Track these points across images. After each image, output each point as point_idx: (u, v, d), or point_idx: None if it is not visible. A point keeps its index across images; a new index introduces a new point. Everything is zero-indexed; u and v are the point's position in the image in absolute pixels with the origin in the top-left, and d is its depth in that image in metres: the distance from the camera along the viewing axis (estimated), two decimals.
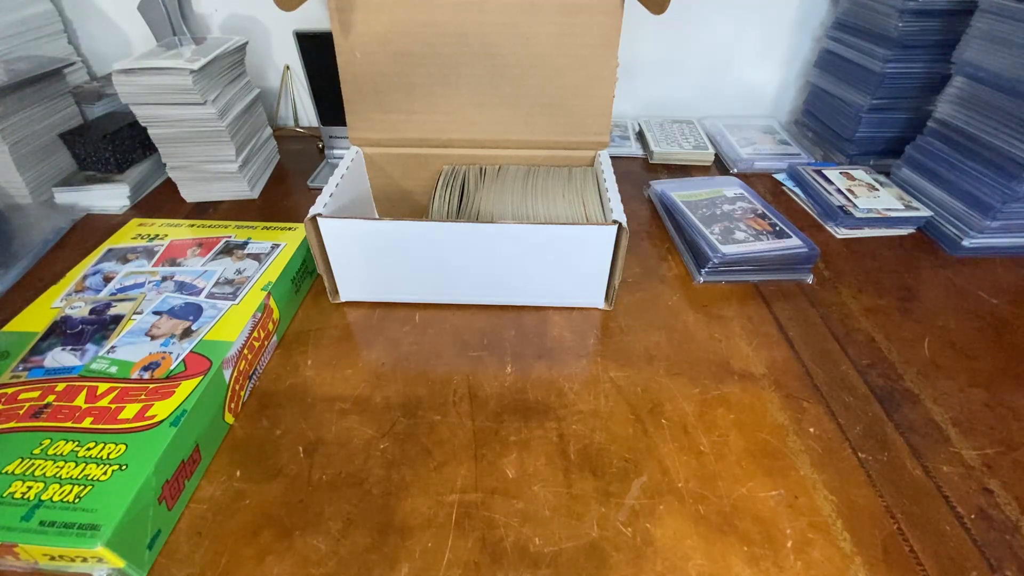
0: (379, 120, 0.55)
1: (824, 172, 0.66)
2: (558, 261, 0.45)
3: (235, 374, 0.39)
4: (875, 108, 0.68)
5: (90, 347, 0.39)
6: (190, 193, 0.66)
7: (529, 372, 0.43)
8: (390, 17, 0.50)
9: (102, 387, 0.36)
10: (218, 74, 0.62)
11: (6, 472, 0.31)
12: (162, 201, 0.66)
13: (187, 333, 0.40)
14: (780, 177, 0.71)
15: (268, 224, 0.53)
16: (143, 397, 0.35)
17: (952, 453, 0.37)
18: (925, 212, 0.59)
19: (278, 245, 0.49)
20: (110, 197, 0.63)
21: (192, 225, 0.52)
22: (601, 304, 0.49)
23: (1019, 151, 0.52)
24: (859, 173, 0.66)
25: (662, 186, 0.64)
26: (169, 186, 0.66)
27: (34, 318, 0.42)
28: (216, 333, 0.40)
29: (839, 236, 0.60)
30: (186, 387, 0.36)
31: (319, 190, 0.68)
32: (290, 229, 0.52)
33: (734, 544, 0.32)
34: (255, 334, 0.42)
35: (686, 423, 0.39)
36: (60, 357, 0.38)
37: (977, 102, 0.56)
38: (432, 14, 0.50)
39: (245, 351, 0.40)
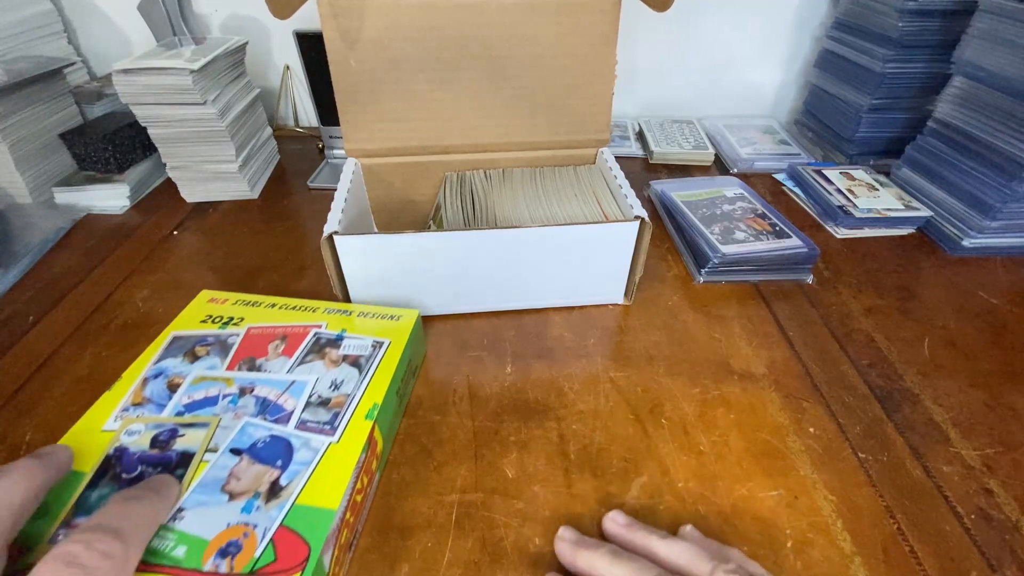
0: (377, 130, 0.54)
1: (824, 172, 0.66)
2: (581, 260, 0.46)
3: (335, 555, 0.29)
4: (875, 108, 0.68)
5: None
6: (190, 193, 0.66)
7: (529, 372, 0.43)
8: (387, 23, 0.49)
9: None
10: (218, 74, 0.62)
11: None
12: (162, 201, 0.66)
13: (275, 491, 0.29)
14: (780, 177, 0.71)
15: (366, 309, 0.42)
16: None
17: (952, 453, 0.37)
18: (925, 212, 0.59)
19: (380, 343, 0.39)
20: (110, 197, 0.63)
21: (274, 306, 0.42)
22: (620, 300, 0.50)
23: (1019, 151, 0.52)
24: (859, 173, 0.66)
25: (662, 186, 0.64)
26: (169, 186, 0.66)
27: (82, 445, 0.31)
28: (312, 494, 0.29)
29: (839, 236, 0.60)
30: None
31: (319, 190, 0.69)
32: (392, 318, 0.41)
33: (734, 544, 0.32)
34: (357, 485, 0.31)
35: (686, 423, 0.39)
36: None
37: (977, 102, 0.56)
38: (430, 18, 0.49)
39: (348, 516, 0.30)
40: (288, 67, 0.83)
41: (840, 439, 0.38)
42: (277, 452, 0.31)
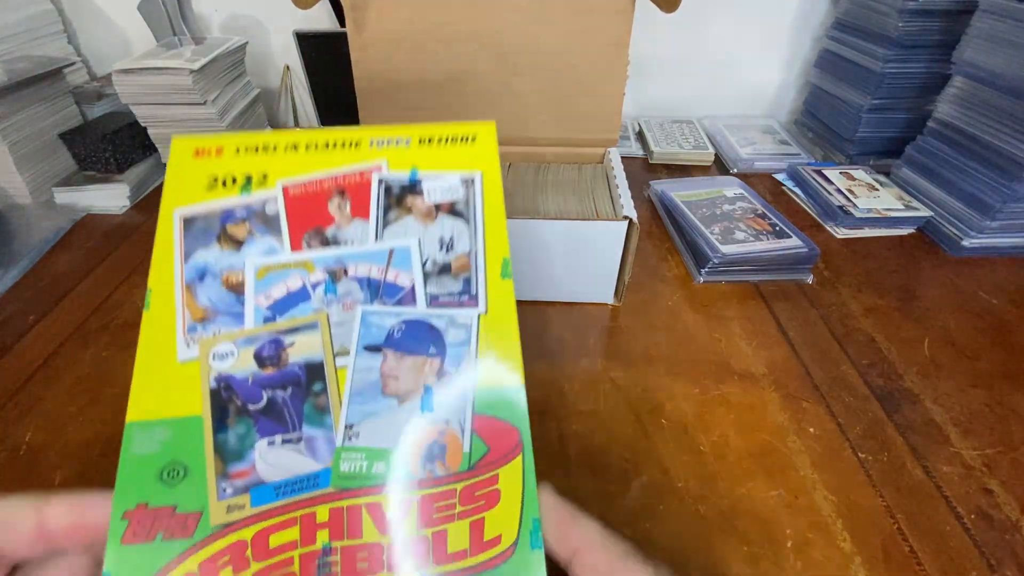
0: (392, 118, 0.55)
1: (824, 172, 0.66)
2: (569, 256, 0.46)
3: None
4: (875, 108, 0.68)
5: (311, 432, 0.24)
6: None
7: (529, 372, 0.43)
8: (404, 15, 0.51)
9: (388, 503, 0.22)
10: (218, 74, 0.62)
11: None
12: None
13: (446, 382, 0.25)
14: (780, 177, 0.71)
15: (424, 133, 0.30)
16: (459, 511, 0.22)
17: (952, 453, 0.37)
18: (925, 212, 0.59)
19: (470, 179, 0.29)
20: (110, 197, 0.63)
21: (296, 147, 0.29)
22: (611, 300, 0.49)
23: (1019, 151, 0.52)
24: (859, 173, 0.66)
25: (662, 186, 0.64)
26: None
27: (168, 389, 0.24)
28: (492, 373, 0.25)
29: (839, 236, 0.60)
30: (509, 478, 0.23)
31: None
32: (465, 140, 0.30)
33: (734, 544, 0.32)
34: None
35: (686, 423, 0.39)
36: (279, 459, 0.23)
37: (977, 102, 0.56)
38: (445, 13, 0.51)
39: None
40: (288, 67, 0.83)
41: (840, 439, 0.38)
42: (422, 338, 0.25)
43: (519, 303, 0.35)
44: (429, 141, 0.30)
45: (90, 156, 0.64)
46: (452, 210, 0.28)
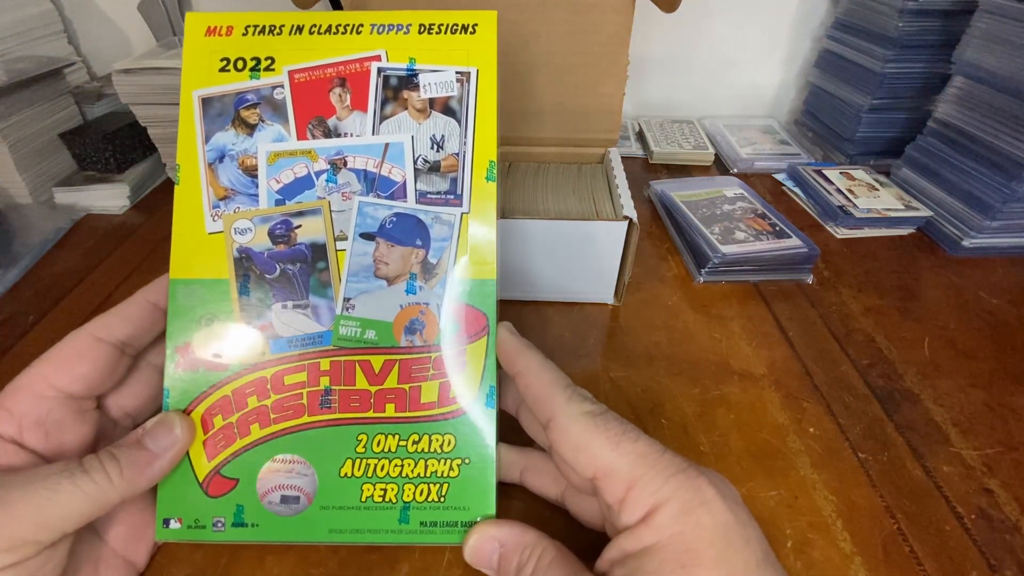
0: None
1: (824, 172, 0.66)
2: (569, 256, 0.46)
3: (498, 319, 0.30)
4: (875, 108, 0.68)
5: (316, 301, 0.29)
6: None
7: None
8: None
9: (376, 362, 0.28)
10: None
11: (346, 476, 0.28)
12: (162, 201, 0.66)
13: (428, 269, 0.29)
14: (780, 177, 0.71)
15: (426, 19, 0.31)
16: (431, 373, 0.28)
17: (952, 453, 0.37)
18: (925, 212, 0.59)
19: (466, 74, 0.30)
20: (110, 197, 0.63)
21: (300, 30, 0.30)
22: (611, 300, 0.49)
23: (1019, 151, 0.52)
24: (859, 173, 0.66)
25: (662, 186, 0.64)
26: (169, 186, 0.66)
27: (200, 255, 0.30)
28: (466, 267, 0.29)
29: (839, 236, 0.60)
30: (474, 353, 0.29)
31: None
32: (465, 30, 0.31)
33: None
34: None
35: (686, 423, 0.39)
36: (291, 320, 0.29)
37: (977, 102, 0.56)
38: None
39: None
40: None
41: (840, 439, 0.38)
42: (411, 231, 0.29)
43: (518, 303, 0.38)
44: (429, 29, 0.31)
45: (90, 156, 0.64)
46: (446, 107, 0.30)
